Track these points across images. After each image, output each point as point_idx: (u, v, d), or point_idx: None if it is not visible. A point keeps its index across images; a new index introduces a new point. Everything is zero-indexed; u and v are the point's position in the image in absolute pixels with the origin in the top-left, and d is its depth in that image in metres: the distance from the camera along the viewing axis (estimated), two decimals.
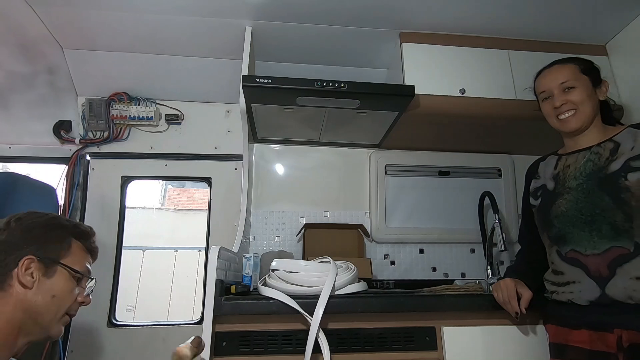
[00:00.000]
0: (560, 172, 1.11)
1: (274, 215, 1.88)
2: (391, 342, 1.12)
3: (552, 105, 1.11)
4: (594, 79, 1.10)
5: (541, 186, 1.16)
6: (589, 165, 1.05)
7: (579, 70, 1.10)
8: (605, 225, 0.98)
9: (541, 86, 1.15)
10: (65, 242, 0.98)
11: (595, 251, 0.98)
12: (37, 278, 0.90)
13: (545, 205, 1.12)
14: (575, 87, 1.08)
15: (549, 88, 1.12)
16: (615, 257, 0.95)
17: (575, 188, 1.05)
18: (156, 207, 6.90)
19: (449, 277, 1.89)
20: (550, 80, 1.12)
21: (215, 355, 1.07)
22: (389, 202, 1.92)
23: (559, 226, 1.06)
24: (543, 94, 1.14)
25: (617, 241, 0.95)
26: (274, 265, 1.22)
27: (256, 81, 1.40)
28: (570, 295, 1.01)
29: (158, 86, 1.88)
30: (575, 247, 1.02)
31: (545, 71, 1.15)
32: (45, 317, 0.91)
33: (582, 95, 1.07)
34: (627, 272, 0.92)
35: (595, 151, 1.06)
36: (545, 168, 1.18)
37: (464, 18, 1.56)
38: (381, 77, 1.84)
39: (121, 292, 1.79)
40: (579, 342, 0.98)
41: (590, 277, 0.97)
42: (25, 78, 1.70)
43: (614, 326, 0.92)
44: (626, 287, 0.91)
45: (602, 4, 1.49)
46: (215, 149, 1.93)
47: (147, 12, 1.49)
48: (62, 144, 1.86)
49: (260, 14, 1.51)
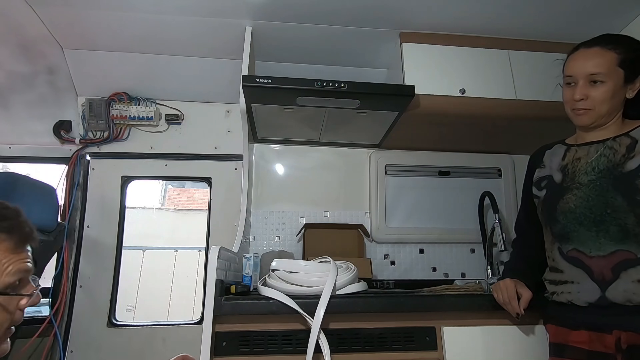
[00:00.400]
0: (569, 164, 1.05)
1: (274, 215, 1.88)
2: (391, 342, 1.12)
3: (572, 94, 1.01)
4: (631, 73, 0.98)
5: (547, 176, 1.10)
6: (602, 161, 0.98)
7: (617, 62, 0.97)
8: (614, 226, 0.93)
9: (569, 69, 1.03)
10: None
11: (600, 253, 0.94)
12: None
13: (551, 199, 1.07)
14: (603, 83, 0.97)
15: (575, 74, 1.00)
16: (621, 261, 0.91)
17: (587, 184, 0.99)
18: (156, 207, 6.91)
19: (449, 277, 1.89)
20: (580, 66, 1.00)
21: (215, 355, 1.07)
22: (389, 202, 1.92)
23: (565, 223, 1.01)
24: (568, 79, 1.03)
25: (624, 244, 0.91)
26: (274, 265, 1.22)
27: (256, 81, 1.40)
28: (569, 296, 0.99)
29: (158, 86, 1.88)
30: (579, 246, 0.98)
31: (581, 51, 1.02)
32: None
33: (606, 94, 0.97)
34: (630, 277, 0.90)
35: (610, 145, 0.99)
36: (552, 157, 1.11)
37: (464, 18, 1.56)
38: (381, 77, 1.84)
39: (121, 292, 1.79)
40: (578, 342, 0.97)
41: (593, 280, 0.94)
42: (25, 78, 1.70)
43: (613, 327, 0.91)
44: (627, 290, 0.89)
45: (602, 4, 1.49)
46: (215, 149, 1.93)
47: (147, 12, 1.49)
48: (62, 144, 1.86)
49: (260, 14, 1.51)
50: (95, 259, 1.76)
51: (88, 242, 1.77)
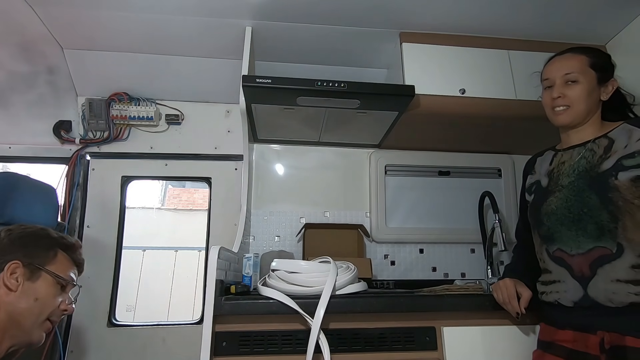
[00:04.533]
0: (555, 168, 1.10)
1: (274, 215, 1.88)
2: (391, 342, 1.12)
3: (551, 95, 1.09)
4: (602, 75, 1.07)
5: (536, 182, 1.16)
6: (582, 163, 1.03)
7: (588, 64, 1.06)
8: (590, 224, 0.97)
9: (546, 73, 1.13)
10: (51, 251, 1.02)
11: (580, 251, 0.98)
12: (22, 282, 0.94)
13: (536, 203, 1.11)
14: (577, 82, 1.05)
15: (552, 77, 1.09)
16: (597, 257, 0.94)
17: (567, 186, 1.04)
18: (156, 207, 6.90)
19: (449, 277, 1.89)
20: (555, 69, 1.10)
21: (215, 355, 1.07)
22: (389, 202, 1.92)
23: (549, 224, 1.06)
24: (545, 82, 1.12)
25: (600, 241, 0.95)
26: (274, 265, 1.22)
27: (256, 81, 1.40)
28: (556, 296, 1.02)
29: (158, 86, 1.88)
30: (562, 246, 1.02)
31: (555, 58, 1.13)
32: (27, 320, 0.94)
33: (581, 92, 1.05)
34: (607, 273, 0.92)
35: (590, 148, 1.04)
36: (542, 163, 1.17)
37: (463, 18, 1.56)
38: (381, 77, 1.84)
39: (121, 292, 1.79)
40: (562, 340, 1.00)
41: (574, 278, 0.97)
42: (25, 78, 1.70)
43: (597, 328, 0.93)
44: (606, 289, 0.91)
45: (602, 4, 1.49)
46: (215, 149, 1.93)
47: (147, 12, 1.49)
48: (62, 144, 1.86)
49: (260, 14, 1.51)
50: (95, 259, 1.75)
51: (88, 242, 1.76)
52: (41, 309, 0.96)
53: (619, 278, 0.90)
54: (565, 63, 1.09)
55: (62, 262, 1.03)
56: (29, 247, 0.99)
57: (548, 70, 1.12)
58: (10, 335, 0.91)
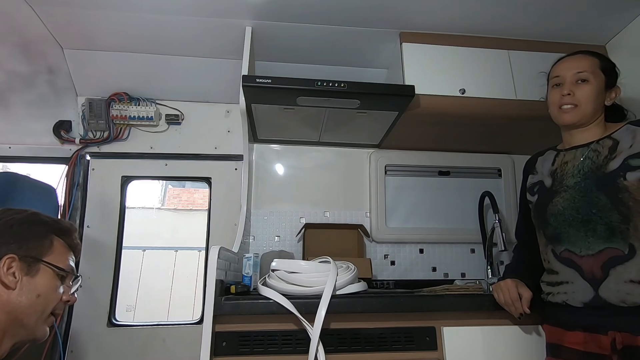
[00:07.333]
0: (558, 168, 1.10)
1: (274, 215, 1.88)
2: (391, 342, 1.12)
3: (559, 93, 1.08)
4: (609, 80, 1.08)
5: (538, 182, 1.15)
6: (587, 164, 1.03)
7: (599, 66, 1.07)
8: (600, 225, 0.96)
9: (556, 71, 1.12)
10: (46, 239, 0.94)
11: (589, 252, 0.97)
12: (20, 278, 0.87)
13: (541, 203, 1.11)
14: (587, 82, 1.06)
15: (563, 74, 1.09)
16: (609, 258, 0.94)
17: (573, 187, 1.03)
18: (156, 207, 6.90)
19: (449, 277, 1.89)
20: (567, 67, 1.09)
21: (215, 355, 1.07)
22: (389, 202, 1.92)
23: (555, 225, 1.05)
24: (555, 79, 1.11)
25: (611, 242, 0.94)
26: (274, 265, 1.22)
27: (256, 81, 1.40)
28: (564, 297, 1.01)
29: (158, 86, 1.88)
30: (570, 247, 1.01)
31: (566, 58, 1.12)
32: (31, 318, 0.88)
33: (591, 93, 1.05)
34: (620, 275, 0.91)
35: (594, 148, 1.04)
36: (544, 163, 1.16)
37: (464, 18, 1.56)
38: (381, 77, 1.84)
39: (121, 292, 1.79)
40: (573, 343, 0.99)
41: (584, 279, 0.97)
42: (25, 78, 1.70)
43: (608, 328, 0.93)
44: (619, 291, 0.91)
45: (602, 4, 1.49)
46: (215, 149, 1.93)
47: (147, 12, 1.49)
48: (62, 144, 1.85)
49: (260, 14, 1.51)
50: (95, 259, 1.76)
51: (88, 242, 1.77)
52: (44, 306, 0.90)
53: (633, 279, 0.90)
54: (577, 62, 1.09)
55: (59, 251, 0.95)
56: (22, 236, 0.90)
57: (559, 68, 1.11)
58: (11, 334, 0.86)
